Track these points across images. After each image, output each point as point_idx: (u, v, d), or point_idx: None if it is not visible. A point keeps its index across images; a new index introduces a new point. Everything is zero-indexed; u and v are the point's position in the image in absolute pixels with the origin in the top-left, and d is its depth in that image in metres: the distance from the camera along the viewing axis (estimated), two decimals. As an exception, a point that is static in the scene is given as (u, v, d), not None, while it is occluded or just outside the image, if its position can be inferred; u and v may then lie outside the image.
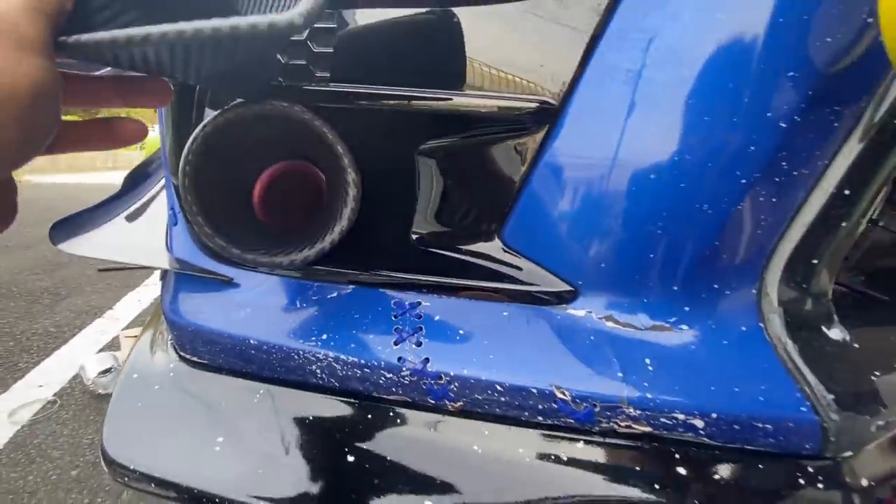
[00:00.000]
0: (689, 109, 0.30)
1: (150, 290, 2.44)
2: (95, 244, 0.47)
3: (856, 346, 0.32)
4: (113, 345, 1.79)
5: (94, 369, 1.47)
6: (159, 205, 0.55)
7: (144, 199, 0.57)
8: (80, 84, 0.27)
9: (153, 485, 0.36)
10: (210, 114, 0.38)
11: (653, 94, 0.31)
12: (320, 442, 0.38)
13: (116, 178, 0.93)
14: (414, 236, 0.40)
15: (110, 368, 1.51)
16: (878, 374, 0.31)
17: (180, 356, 0.45)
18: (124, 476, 0.37)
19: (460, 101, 0.35)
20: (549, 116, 0.35)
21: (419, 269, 0.40)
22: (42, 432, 1.29)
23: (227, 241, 0.38)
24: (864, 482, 0.29)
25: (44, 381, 1.55)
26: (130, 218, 0.53)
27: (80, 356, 1.63)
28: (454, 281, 0.39)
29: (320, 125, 0.37)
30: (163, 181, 0.60)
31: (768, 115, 0.29)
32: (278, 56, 0.38)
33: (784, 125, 0.29)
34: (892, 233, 0.42)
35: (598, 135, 0.33)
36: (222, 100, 0.41)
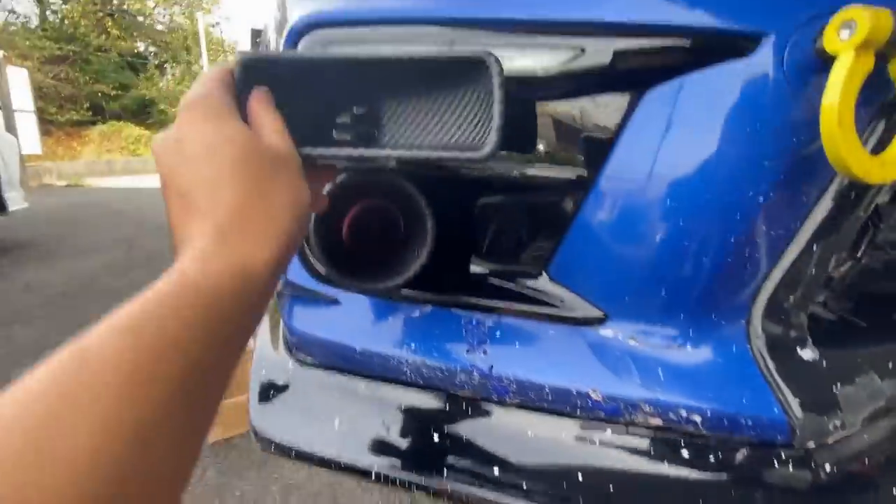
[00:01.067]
0: (691, 187, 0.41)
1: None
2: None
3: (824, 363, 0.42)
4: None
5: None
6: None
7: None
8: None
9: (293, 454, 0.50)
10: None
11: (661, 172, 0.42)
12: (410, 423, 0.51)
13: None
14: (481, 268, 0.53)
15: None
16: (838, 385, 0.41)
17: (296, 358, 0.59)
18: (271, 447, 0.51)
19: (519, 168, 0.47)
20: (583, 184, 0.46)
21: (484, 294, 0.52)
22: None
23: (338, 272, 0.51)
24: (825, 465, 0.39)
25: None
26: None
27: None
28: (511, 305, 0.50)
29: (409, 185, 0.49)
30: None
31: (750, 193, 0.40)
32: None
33: (762, 200, 0.40)
34: (871, 269, 0.51)
35: (622, 202, 0.44)
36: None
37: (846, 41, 0.32)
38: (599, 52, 0.39)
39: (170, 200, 0.28)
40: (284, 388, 0.56)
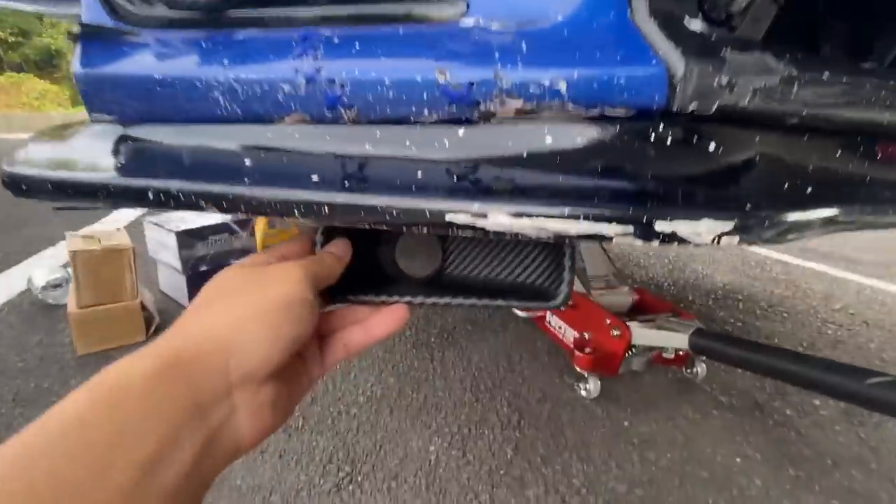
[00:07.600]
0: None
1: (104, 226, 2.38)
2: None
3: (713, 36, 0.35)
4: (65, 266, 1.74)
5: (42, 278, 1.44)
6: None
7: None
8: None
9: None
10: None
11: None
12: (223, 164, 0.39)
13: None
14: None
15: (61, 283, 1.48)
16: (727, 50, 0.34)
17: (92, 118, 0.46)
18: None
19: None
20: None
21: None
22: (-13, 333, 1.27)
23: None
24: (709, 140, 0.32)
25: (-9, 295, 1.51)
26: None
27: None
28: (352, 9, 0.39)
29: None
30: None
31: None
32: None
33: None
34: None
35: None
36: None
37: None
38: None
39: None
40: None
